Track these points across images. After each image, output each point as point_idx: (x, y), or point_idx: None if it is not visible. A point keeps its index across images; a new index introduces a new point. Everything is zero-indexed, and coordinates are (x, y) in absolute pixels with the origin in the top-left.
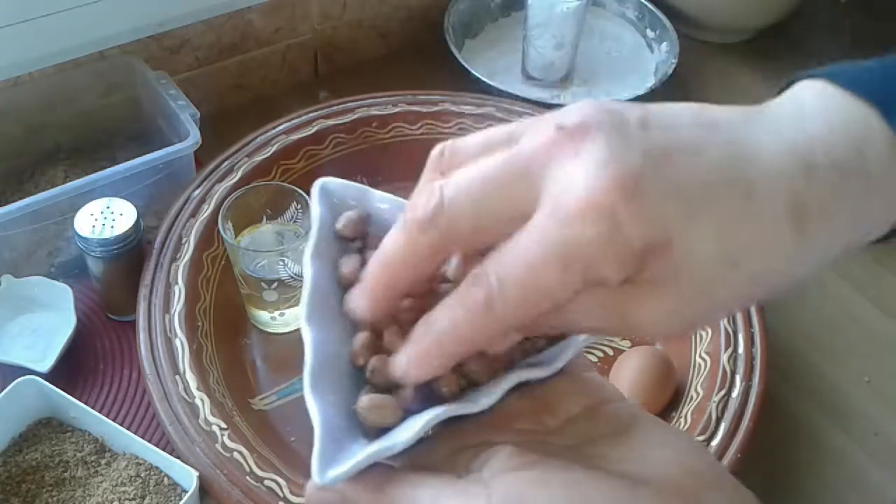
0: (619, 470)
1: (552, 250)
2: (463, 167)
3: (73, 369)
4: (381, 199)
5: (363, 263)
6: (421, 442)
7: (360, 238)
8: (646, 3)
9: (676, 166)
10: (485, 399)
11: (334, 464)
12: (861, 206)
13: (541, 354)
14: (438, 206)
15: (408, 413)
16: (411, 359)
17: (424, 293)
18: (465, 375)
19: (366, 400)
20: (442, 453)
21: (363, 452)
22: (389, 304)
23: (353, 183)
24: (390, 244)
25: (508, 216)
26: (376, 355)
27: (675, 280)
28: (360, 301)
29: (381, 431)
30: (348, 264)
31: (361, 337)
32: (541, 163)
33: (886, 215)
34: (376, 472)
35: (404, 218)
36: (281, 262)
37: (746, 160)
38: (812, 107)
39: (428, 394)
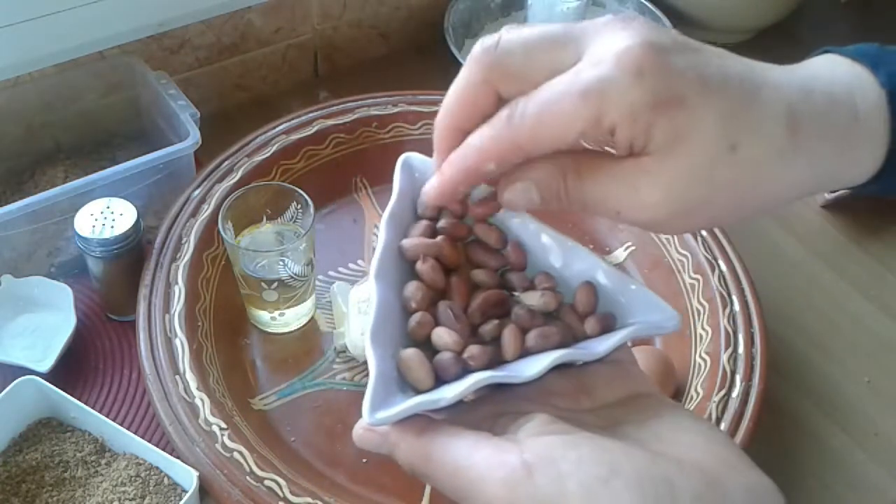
0: (646, 447)
1: (577, 83)
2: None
3: (73, 369)
4: None
5: (432, 233)
6: (464, 404)
7: (433, 218)
8: (646, 3)
9: (701, 56)
10: (528, 372)
11: (383, 407)
12: (848, 137)
13: (589, 342)
14: (494, 43)
15: (456, 376)
16: (439, 175)
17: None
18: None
19: (402, 354)
20: (481, 416)
21: (411, 401)
22: (452, 145)
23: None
24: (449, 91)
25: (553, 66)
26: (419, 312)
27: (679, 149)
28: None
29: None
30: (417, 230)
31: (413, 287)
32: (593, 32)
33: (867, 158)
34: (419, 421)
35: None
36: (281, 262)
37: (758, 74)
38: (816, 64)
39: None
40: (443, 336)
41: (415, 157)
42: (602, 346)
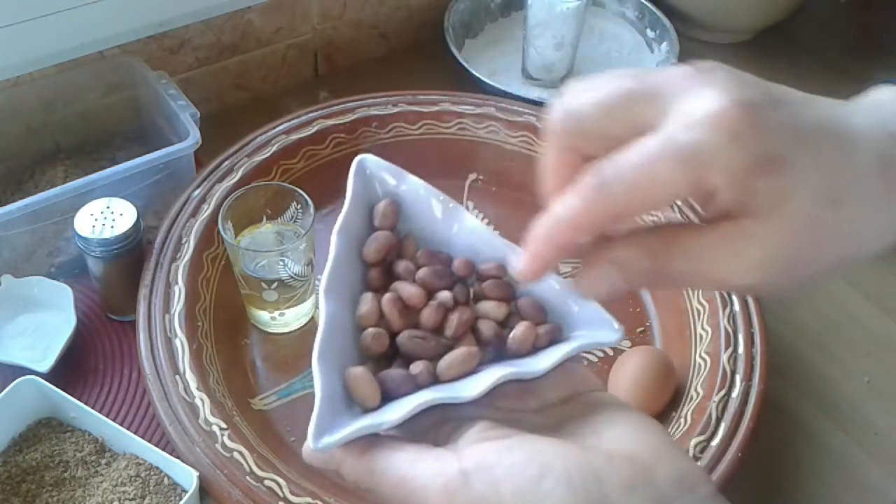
0: (581, 443)
1: (671, 147)
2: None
3: (73, 369)
4: (415, 184)
5: (389, 245)
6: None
7: (390, 228)
8: (646, 3)
9: (791, 108)
10: (470, 392)
11: (328, 432)
12: None
13: (534, 355)
14: (565, 108)
15: (405, 393)
16: (528, 253)
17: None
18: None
19: (349, 372)
20: (425, 425)
21: (354, 426)
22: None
23: (389, 164)
24: (541, 171)
25: (636, 123)
26: (372, 328)
27: (783, 210)
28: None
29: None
30: (372, 245)
31: (367, 301)
32: (674, 87)
33: None
34: (362, 440)
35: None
36: (281, 262)
37: (846, 121)
38: (888, 100)
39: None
40: (409, 346)
41: (370, 159)
42: (543, 363)
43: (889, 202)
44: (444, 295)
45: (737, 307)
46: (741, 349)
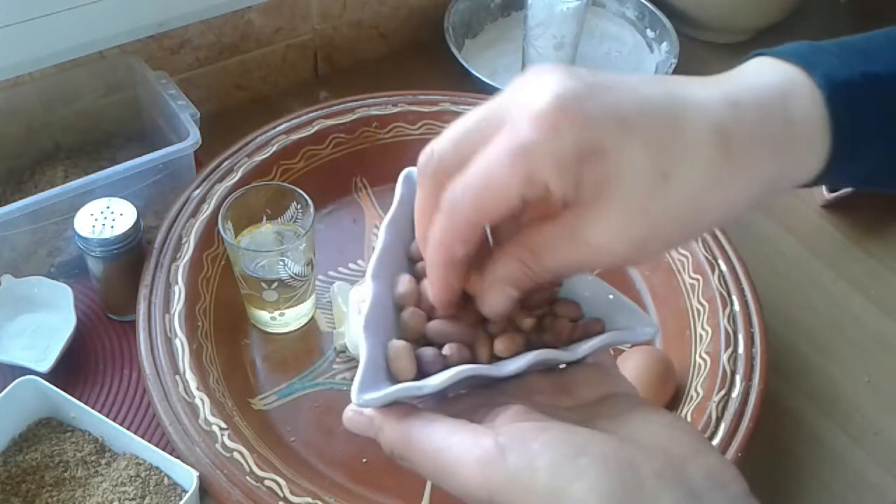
0: (616, 436)
1: (502, 150)
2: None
3: (73, 369)
4: None
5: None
6: (446, 398)
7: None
8: (646, 3)
9: (616, 94)
10: (509, 367)
11: (370, 390)
12: (784, 144)
13: (571, 346)
14: (430, 150)
15: (438, 371)
16: (430, 283)
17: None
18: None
19: (391, 344)
20: (462, 407)
21: (395, 386)
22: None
23: None
24: (416, 216)
25: (484, 144)
26: (410, 307)
27: (614, 193)
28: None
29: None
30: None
31: (406, 282)
32: (509, 98)
33: (810, 160)
34: (402, 407)
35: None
36: (281, 262)
37: (681, 99)
38: (748, 69)
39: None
40: (438, 327)
41: (415, 171)
42: (581, 348)
43: (731, 171)
44: None
45: (737, 307)
46: (741, 349)
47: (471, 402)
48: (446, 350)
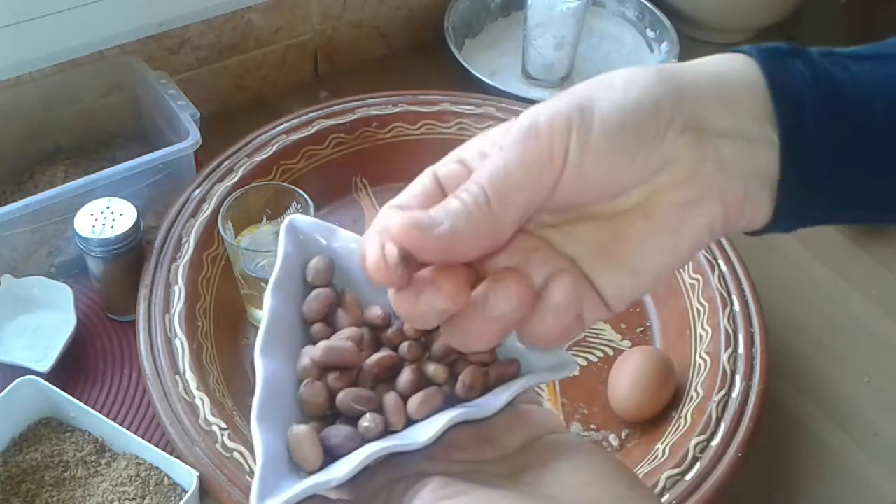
0: (538, 493)
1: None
2: None
3: (73, 369)
4: (347, 239)
5: (329, 301)
6: (361, 471)
7: (325, 284)
8: (646, 3)
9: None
10: (423, 437)
11: (273, 493)
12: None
13: (488, 394)
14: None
15: (349, 451)
16: (437, 281)
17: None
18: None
19: (291, 431)
20: (378, 483)
21: (299, 486)
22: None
23: (321, 221)
24: None
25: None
26: (311, 382)
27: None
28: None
29: (324, 462)
30: (312, 303)
31: (308, 354)
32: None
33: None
34: (312, 502)
35: None
36: None
37: (596, 89)
38: (710, 59)
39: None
40: (345, 398)
41: (299, 219)
42: (497, 400)
43: (619, 155)
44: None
45: (737, 307)
46: (741, 349)
47: (388, 474)
48: (366, 421)
